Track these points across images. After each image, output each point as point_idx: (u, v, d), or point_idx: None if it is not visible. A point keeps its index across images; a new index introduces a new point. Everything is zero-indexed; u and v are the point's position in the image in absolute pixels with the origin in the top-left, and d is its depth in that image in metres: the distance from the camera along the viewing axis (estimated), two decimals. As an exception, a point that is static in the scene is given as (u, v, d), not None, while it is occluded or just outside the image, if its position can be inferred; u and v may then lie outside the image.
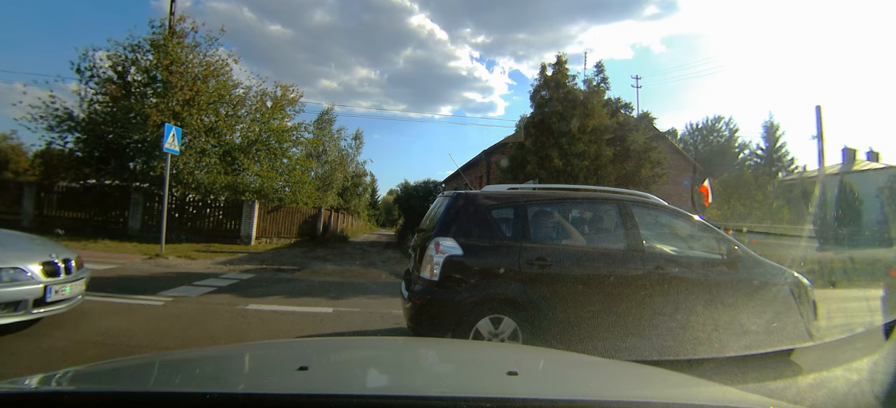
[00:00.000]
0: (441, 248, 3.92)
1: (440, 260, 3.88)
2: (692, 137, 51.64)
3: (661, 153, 16.70)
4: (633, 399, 1.36)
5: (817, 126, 23.32)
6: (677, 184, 21.14)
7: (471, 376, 1.64)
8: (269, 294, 7.28)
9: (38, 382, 1.29)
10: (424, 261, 4.00)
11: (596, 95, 15.01)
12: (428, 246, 4.01)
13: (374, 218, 50.29)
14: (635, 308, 3.94)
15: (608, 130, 14.60)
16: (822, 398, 3.04)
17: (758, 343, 3.97)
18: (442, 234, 4.00)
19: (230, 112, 16.73)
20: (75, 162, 15.46)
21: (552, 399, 1.22)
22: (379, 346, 2.44)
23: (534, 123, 14.82)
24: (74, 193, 15.66)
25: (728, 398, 1.43)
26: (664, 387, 1.61)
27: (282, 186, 18.17)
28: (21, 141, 28.75)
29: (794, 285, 4.52)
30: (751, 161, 48.17)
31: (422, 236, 4.53)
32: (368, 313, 6.40)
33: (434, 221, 4.34)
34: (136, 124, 14.09)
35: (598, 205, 4.67)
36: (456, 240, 3.95)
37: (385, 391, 1.37)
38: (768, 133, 47.25)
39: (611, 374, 1.79)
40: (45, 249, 4.73)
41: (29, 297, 4.18)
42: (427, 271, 3.94)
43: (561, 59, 15.13)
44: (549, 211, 4.43)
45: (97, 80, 15.08)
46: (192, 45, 15.33)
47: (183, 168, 14.77)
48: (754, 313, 4.11)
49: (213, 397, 1.10)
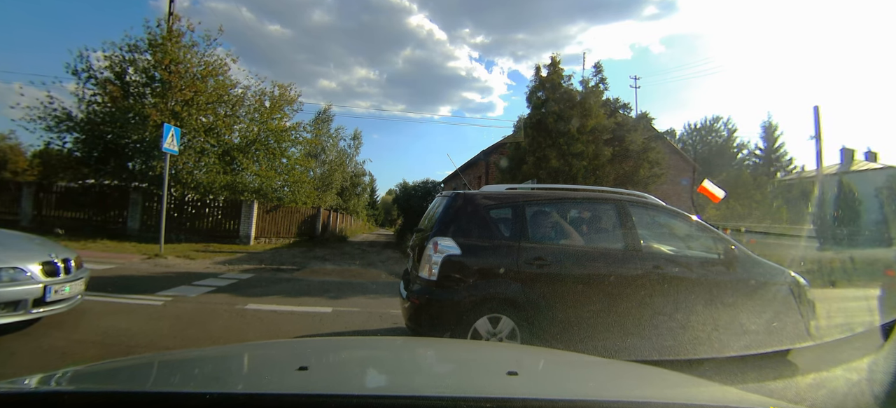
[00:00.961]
0: (439, 247, 3.93)
1: (438, 260, 3.89)
2: (690, 137, 51.71)
3: (659, 153, 16.71)
4: (633, 399, 1.36)
5: (816, 126, 23.34)
6: (676, 184, 21.15)
7: (470, 376, 1.64)
8: (268, 294, 7.28)
9: (38, 382, 1.29)
10: (423, 261, 4.01)
11: (594, 96, 15.02)
12: (426, 246, 4.01)
13: (372, 218, 50.22)
14: (634, 308, 3.95)
15: (606, 130, 14.62)
16: (822, 398, 3.04)
17: (758, 343, 3.97)
18: (440, 234, 4.00)
19: (229, 112, 16.71)
20: (74, 162, 15.43)
21: (552, 399, 1.22)
22: (379, 346, 2.44)
23: (531, 124, 14.84)
24: (73, 193, 15.63)
25: (728, 398, 1.43)
26: (664, 387, 1.61)
27: (281, 185, 18.15)
28: (19, 141, 28.71)
29: (792, 285, 4.52)
30: (749, 161, 48.25)
31: (420, 236, 4.53)
32: (368, 313, 6.40)
33: (433, 221, 4.35)
34: (135, 124, 14.07)
35: (596, 205, 4.68)
36: (454, 240, 3.96)
37: (385, 391, 1.38)
38: (767, 133, 47.34)
39: (611, 374, 1.79)
40: (45, 248, 4.73)
41: (28, 297, 4.18)
42: (426, 271, 3.94)
43: (555, 59, 15.17)
44: (547, 211, 4.44)
45: (95, 80, 15.05)
46: (189, 44, 15.32)
47: (182, 168, 14.75)
48: (754, 312, 4.12)
49: (213, 397, 1.11)
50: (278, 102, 17.61)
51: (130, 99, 14.70)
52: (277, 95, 17.73)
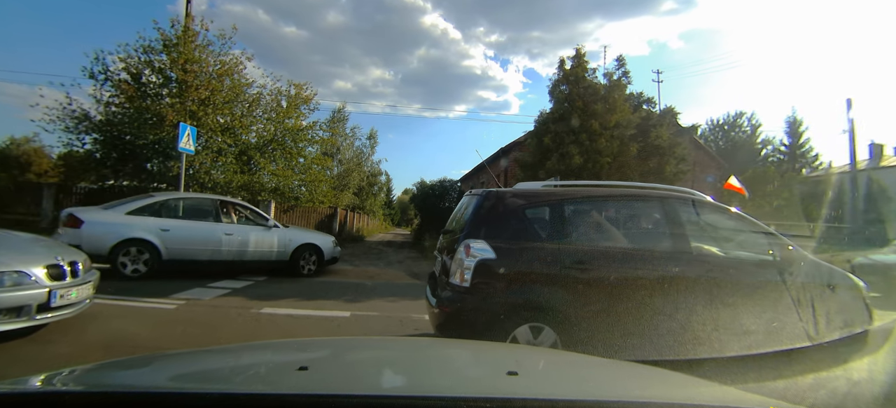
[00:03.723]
0: (472, 251, 3.58)
1: (471, 264, 3.54)
2: (713, 133, 50.42)
3: (685, 149, 16.15)
4: (633, 399, 1.35)
5: (848, 120, 22.43)
6: (701, 181, 20.55)
7: (471, 376, 1.63)
8: (284, 297, 7.02)
9: (39, 382, 1.27)
10: (454, 265, 3.68)
11: (617, 89, 14.51)
12: (457, 249, 3.66)
13: (389, 218, 50.09)
14: (688, 315, 3.53)
15: (631, 125, 14.11)
16: (822, 398, 2.93)
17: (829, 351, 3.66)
18: (472, 235, 3.65)
19: (245, 111, 16.64)
20: (94, 163, 15.48)
21: (552, 399, 1.21)
22: (379, 346, 2.40)
23: (553, 119, 14.38)
24: (93, 195, 15.70)
25: (728, 398, 1.43)
26: (664, 387, 1.59)
27: (298, 185, 18.02)
28: (43, 143, 29.13)
29: (853, 288, 4.18)
30: (773, 157, 46.81)
31: (449, 238, 4.18)
32: (387, 317, 6.10)
33: (462, 222, 4.00)
34: (153, 125, 14.04)
35: (640, 203, 4.28)
36: (488, 242, 3.59)
37: (385, 391, 1.37)
38: (791, 129, 45.80)
39: (611, 374, 1.78)
40: (51, 250, 4.51)
41: (32, 302, 3.95)
42: (457, 277, 3.60)
43: (580, 51, 14.66)
44: (587, 209, 4.04)
45: (112, 82, 15.04)
46: (204, 43, 15.24)
47: (199, 168, 14.69)
48: (822, 316, 3.74)
49: (213, 396, 1.11)
50: (295, 100, 17.46)
51: (148, 100, 14.67)
52: (294, 94, 17.58)
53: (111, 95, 15.04)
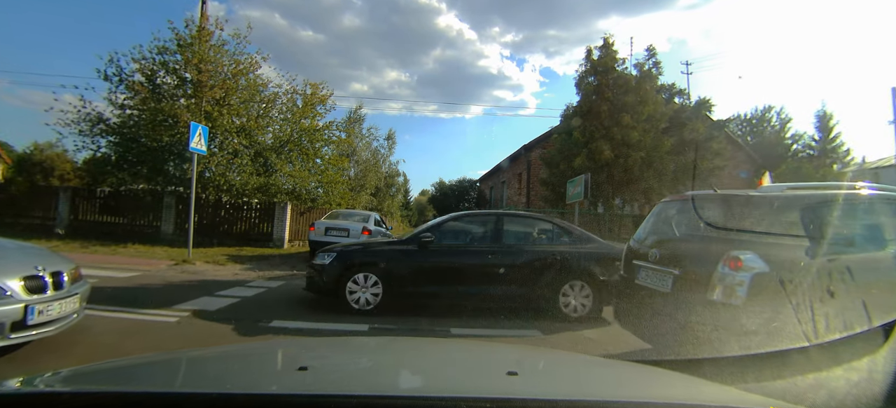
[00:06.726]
0: (745, 264, 3.33)
1: (746, 279, 3.30)
2: (741, 128, 48.76)
3: (721, 144, 15.24)
4: (633, 399, 1.31)
5: (895, 110, 21.08)
6: (734, 176, 19.61)
7: (471, 376, 1.59)
8: (296, 307, 6.45)
9: (37, 382, 1.20)
10: (713, 280, 3.44)
11: (649, 80, 13.70)
12: (720, 265, 3.44)
13: (406, 219, 49.65)
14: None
15: (664, 117, 13.28)
16: (822, 398, 2.87)
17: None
18: (735, 246, 3.44)
19: (261, 112, 16.30)
20: (111, 167, 15.32)
21: (552, 399, 1.17)
22: (378, 346, 2.31)
23: (582, 113, 13.62)
24: (109, 198, 15.56)
25: (728, 398, 1.39)
26: (664, 387, 1.55)
27: (314, 186, 17.60)
28: (65, 148, 29.45)
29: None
30: (803, 153, 45.02)
31: (663, 253, 3.97)
32: (411, 330, 5.47)
33: (671, 235, 3.84)
34: (168, 126, 13.81)
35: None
36: (756, 252, 3.35)
37: (384, 391, 1.28)
38: (821, 123, 43.97)
39: (611, 373, 1.77)
40: (32, 259, 3.98)
41: (5, 320, 3.43)
42: (720, 293, 3.39)
43: (608, 41, 13.84)
44: (838, 215, 3.70)
45: (127, 84, 14.83)
46: (219, 43, 14.94)
47: (215, 170, 14.38)
48: None
49: (213, 397, 1.10)
50: (311, 100, 17.07)
51: (162, 102, 14.42)
52: (310, 94, 17.18)
53: (126, 98, 14.86)
